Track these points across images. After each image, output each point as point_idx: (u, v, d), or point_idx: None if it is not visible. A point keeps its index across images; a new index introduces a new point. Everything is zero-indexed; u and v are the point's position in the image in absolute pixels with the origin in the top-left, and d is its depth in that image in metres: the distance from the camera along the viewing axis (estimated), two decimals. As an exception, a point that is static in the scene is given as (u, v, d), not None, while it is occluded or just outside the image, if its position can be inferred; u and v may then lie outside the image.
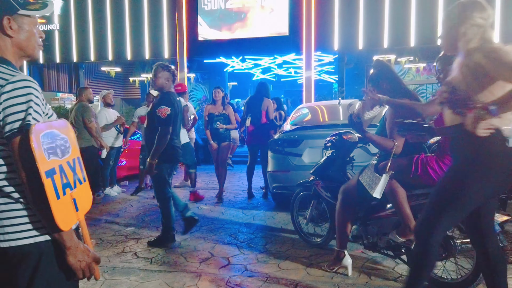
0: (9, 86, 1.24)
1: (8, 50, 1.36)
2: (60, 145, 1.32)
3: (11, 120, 1.23)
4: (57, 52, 11.37)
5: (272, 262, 3.43)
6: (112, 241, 4.08)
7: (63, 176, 1.31)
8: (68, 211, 1.31)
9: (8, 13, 1.33)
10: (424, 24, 9.20)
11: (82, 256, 1.33)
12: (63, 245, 1.30)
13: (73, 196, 1.35)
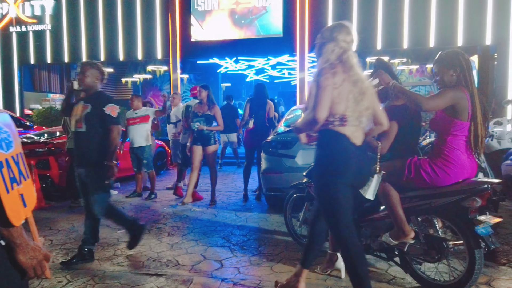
0: None
1: None
2: (4, 139, 1.26)
3: None
4: (49, 52, 11.27)
5: (265, 265, 3.41)
6: (103, 244, 4.02)
7: (10, 171, 1.26)
8: (16, 206, 1.26)
9: None
10: (416, 27, 9.26)
11: (33, 253, 1.28)
12: (13, 242, 1.24)
13: (20, 192, 1.30)
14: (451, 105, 2.48)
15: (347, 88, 2.25)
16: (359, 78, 2.29)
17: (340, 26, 2.38)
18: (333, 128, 2.27)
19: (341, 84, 2.23)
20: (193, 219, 4.97)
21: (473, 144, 2.53)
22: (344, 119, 2.25)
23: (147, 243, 4.02)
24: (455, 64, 2.56)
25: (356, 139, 2.31)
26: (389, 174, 2.67)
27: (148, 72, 12.72)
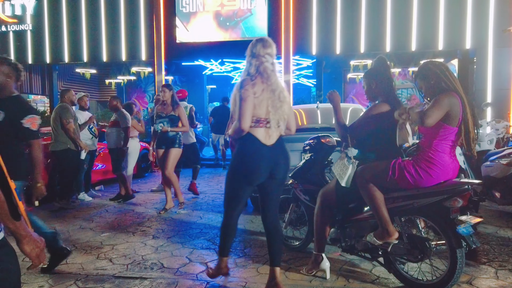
0: None
1: None
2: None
3: None
4: (30, 52, 11.03)
5: (251, 266, 3.40)
6: (86, 248, 3.95)
7: None
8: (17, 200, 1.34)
9: None
10: (399, 30, 9.43)
11: (36, 243, 1.39)
12: (19, 234, 1.33)
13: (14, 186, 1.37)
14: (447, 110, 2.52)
15: (266, 96, 2.58)
16: (277, 87, 2.62)
17: (257, 41, 2.69)
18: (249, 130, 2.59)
19: (261, 93, 2.56)
20: (178, 222, 4.94)
21: (466, 147, 2.59)
22: (260, 122, 2.59)
23: (131, 246, 3.97)
24: (428, 74, 2.66)
25: (268, 140, 2.62)
26: (373, 176, 2.71)
27: (132, 73, 12.59)
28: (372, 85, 2.92)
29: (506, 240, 3.93)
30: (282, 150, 2.71)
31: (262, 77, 2.59)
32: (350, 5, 9.59)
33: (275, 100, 2.59)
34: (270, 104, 2.59)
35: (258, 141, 2.59)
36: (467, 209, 2.62)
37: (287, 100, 2.68)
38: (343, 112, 5.57)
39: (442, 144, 2.57)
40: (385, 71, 2.90)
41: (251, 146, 2.61)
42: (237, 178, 2.71)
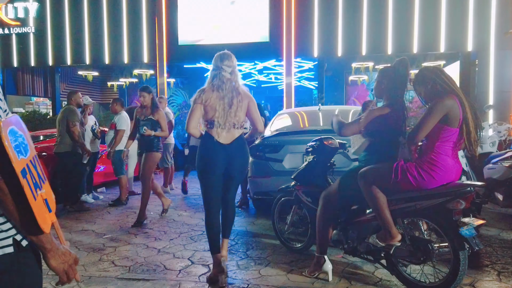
0: None
1: None
2: (21, 143, 1.21)
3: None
4: (32, 55, 11.09)
5: (253, 268, 3.40)
6: (89, 249, 3.96)
7: (32, 177, 1.21)
8: (43, 212, 1.22)
9: None
10: (400, 33, 9.45)
11: (64, 258, 1.26)
12: (44, 248, 1.21)
13: (44, 197, 1.26)
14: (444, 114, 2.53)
15: (214, 102, 2.99)
16: (227, 94, 3.02)
17: (216, 55, 3.13)
18: (206, 130, 3.08)
19: (208, 99, 3.00)
20: (180, 224, 4.94)
21: (468, 147, 2.59)
22: (212, 123, 3.03)
23: (133, 248, 3.98)
24: (424, 80, 2.69)
25: (223, 138, 3.03)
26: (376, 178, 2.71)
27: (134, 75, 12.62)
28: (384, 82, 2.92)
29: (508, 243, 3.93)
30: (238, 147, 3.09)
31: (213, 87, 3.03)
32: (351, 8, 9.62)
33: (225, 105, 3.00)
34: (220, 108, 3.00)
35: (213, 139, 3.03)
36: (469, 211, 2.62)
37: (242, 104, 3.06)
38: (345, 114, 5.64)
39: (444, 146, 2.57)
40: (399, 73, 2.88)
41: (207, 143, 3.07)
42: (200, 171, 3.13)
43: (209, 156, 3.05)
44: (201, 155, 3.10)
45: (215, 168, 3.05)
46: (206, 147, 3.08)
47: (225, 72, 3.05)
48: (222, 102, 3.01)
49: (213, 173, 3.06)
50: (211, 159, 3.05)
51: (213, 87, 3.04)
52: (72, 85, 14.55)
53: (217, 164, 3.04)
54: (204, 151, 3.09)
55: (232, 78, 3.08)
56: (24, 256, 1.22)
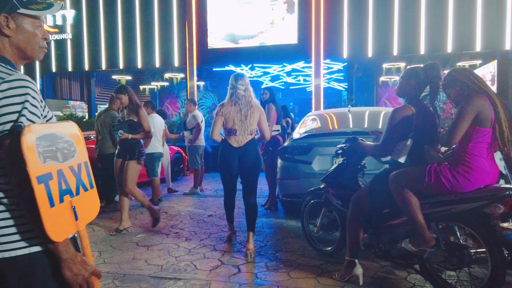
0: (4, 85, 1.16)
1: (6, 50, 1.28)
2: (62, 149, 1.23)
3: (3, 121, 1.14)
4: (69, 60, 11.57)
5: (283, 270, 3.41)
6: (123, 248, 4.09)
7: (62, 182, 1.21)
8: (64, 220, 1.20)
9: (7, 11, 1.26)
10: (434, 31, 9.18)
11: (79, 269, 1.22)
12: (58, 257, 1.20)
13: (73, 204, 1.24)
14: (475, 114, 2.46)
15: (233, 114, 3.72)
16: (243, 108, 3.71)
17: (232, 76, 3.82)
18: (226, 137, 3.83)
19: (228, 112, 3.72)
20: (210, 224, 5.01)
21: (501, 147, 2.50)
22: (231, 131, 3.75)
23: (165, 248, 4.08)
24: (452, 82, 2.64)
25: (238, 143, 3.76)
26: (408, 181, 2.65)
27: (165, 79, 12.92)
28: (411, 82, 2.85)
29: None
30: (249, 149, 3.80)
31: (231, 102, 3.74)
32: (382, 7, 9.44)
33: (242, 117, 3.71)
34: (237, 120, 3.71)
35: (229, 145, 3.79)
36: (508, 216, 2.52)
37: (254, 115, 3.76)
38: (376, 115, 5.53)
39: (478, 147, 2.49)
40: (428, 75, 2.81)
41: (225, 148, 3.84)
42: (220, 169, 3.94)
43: (227, 156, 3.82)
44: (222, 156, 3.88)
45: (231, 168, 3.84)
46: (225, 150, 3.84)
47: (240, 90, 3.74)
48: (240, 115, 3.73)
49: (230, 169, 3.85)
50: (229, 158, 3.82)
51: (231, 102, 3.75)
52: (106, 89, 15.09)
53: (232, 162, 3.81)
54: (224, 152, 3.86)
55: (246, 94, 3.75)
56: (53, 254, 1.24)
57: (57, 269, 1.22)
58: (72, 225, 1.25)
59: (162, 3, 10.77)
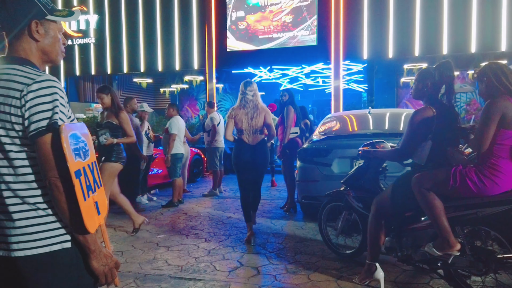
0: (35, 85, 1.22)
1: (33, 54, 1.35)
2: (81, 148, 1.30)
3: (38, 119, 1.20)
4: (93, 64, 11.86)
5: (302, 273, 3.39)
6: (144, 248, 4.15)
7: (86, 179, 1.29)
8: (92, 213, 1.29)
9: (37, 18, 1.33)
10: (457, 31, 8.98)
11: (105, 260, 1.31)
12: (88, 248, 1.28)
13: (95, 199, 1.34)
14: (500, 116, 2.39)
15: (241, 116, 4.20)
16: (250, 110, 4.19)
17: (242, 83, 4.29)
18: (238, 136, 4.29)
19: (238, 114, 4.21)
20: (229, 226, 5.03)
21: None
22: (241, 131, 4.23)
23: (185, 248, 4.12)
24: (482, 77, 2.55)
25: (248, 141, 4.23)
26: (433, 184, 2.59)
27: (185, 82, 13.07)
28: (427, 82, 2.79)
29: None
30: (259, 147, 4.26)
31: (241, 105, 4.24)
32: (403, 7, 9.30)
33: (248, 119, 4.20)
34: (245, 121, 4.20)
35: (243, 142, 4.25)
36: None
37: (260, 116, 4.21)
38: (397, 117, 5.44)
39: (503, 149, 2.41)
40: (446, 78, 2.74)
41: (238, 145, 4.30)
42: (234, 164, 4.35)
43: (240, 154, 4.26)
44: (235, 154, 4.31)
45: (244, 163, 4.25)
46: (238, 147, 4.29)
47: (249, 95, 4.22)
48: (247, 117, 4.21)
49: (243, 165, 4.26)
50: (242, 156, 4.25)
51: (240, 106, 4.25)
52: (128, 92, 15.37)
53: (245, 160, 4.23)
54: (237, 150, 4.30)
55: (253, 98, 4.24)
56: (81, 252, 1.30)
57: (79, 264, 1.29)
58: (97, 219, 1.33)
59: (182, 7, 10.92)
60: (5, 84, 1.24)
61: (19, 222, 1.23)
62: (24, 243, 1.23)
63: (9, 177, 1.23)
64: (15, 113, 1.21)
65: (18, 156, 1.23)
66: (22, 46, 1.34)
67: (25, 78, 1.24)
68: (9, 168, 1.23)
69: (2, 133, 1.22)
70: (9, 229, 1.23)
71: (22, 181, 1.23)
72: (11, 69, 1.27)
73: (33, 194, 1.24)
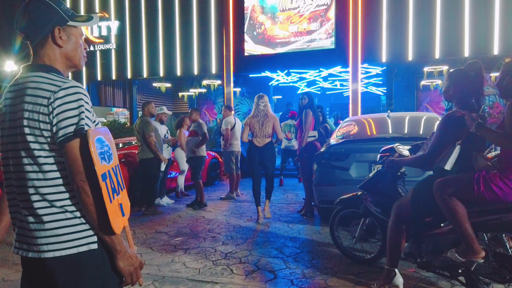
0: (62, 92, 1.26)
1: (57, 60, 1.39)
2: (106, 151, 1.34)
3: (66, 125, 1.24)
4: (113, 69, 12.12)
5: (319, 278, 3.36)
6: (162, 251, 4.20)
7: (111, 182, 1.33)
8: (118, 215, 1.33)
9: (59, 24, 1.37)
10: (479, 33, 8.79)
11: (130, 260, 1.34)
12: (114, 249, 1.31)
13: (119, 201, 1.37)
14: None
15: (254, 123, 5.36)
16: (261, 119, 5.35)
17: (256, 96, 5.53)
18: (250, 139, 5.46)
19: (251, 122, 5.40)
20: (246, 229, 5.04)
21: None
22: (254, 135, 5.36)
23: (202, 251, 4.15)
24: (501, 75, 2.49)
25: (258, 143, 5.35)
26: (456, 190, 2.53)
27: (203, 86, 13.21)
28: (452, 89, 2.73)
29: None
30: (267, 149, 5.39)
31: (254, 114, 5.44)
32: (423, 8, 9.16)
33: (260, 125, 5.36)
34: (257, 127, 5.36)
35: (254, 145, 5.40)
36: None
37: (269, 123, 5.36)
38: (417, 121, 5.36)
39: None
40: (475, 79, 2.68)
41: (251, 146, 5.46)
42: (247, 160, 5.65)
43: (251, 153, 5.45)
44: (248, 152, 5.55)
45: (255, 162, 5.43)
46: (250, 148, 5.50)
47: (261, 106, 5.42)
48: (258, 124, 5.36)
49: (254, 162, 5.44)
50: (252, 154, 5.43)
51: (254, 115, 5.44)
52: (147, 96, 15.64)
53: (255, 159, 5.41)
54: (249, 150, 5.51)
55: (264, 109, 5.39)
56: (107, 253, 1.34)
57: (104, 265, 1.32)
58: (121, 220, 1.36)
59: (200, 12, 11.06)
60: (32, 92, 1.28)
61: (48, 224, 1.27)
62: (53, 244, 1.27)
63: (38, 182, 1.27)
64: (43, 120, 1.25)
65: (47, 161, 1.27)
66: (46, 53, 1.38)
67: (51, 85, 1.28)
68: (38, 173, 1.27)
69: (31, 139, 1.26)
70: (39, 231, 1.27)
71: (50, 185, 1.27)
72: (37, 76, 1.31)
73: (61, 198, 1.28)
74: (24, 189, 1.28)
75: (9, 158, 1.32)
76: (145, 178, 6.16)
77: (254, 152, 5.38)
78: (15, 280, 3.39)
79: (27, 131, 1.26)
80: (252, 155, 5.41)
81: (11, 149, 1.31)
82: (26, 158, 1.27)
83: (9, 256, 4.00)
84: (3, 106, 1.35)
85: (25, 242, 1.30)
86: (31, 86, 1.29)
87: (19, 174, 1.29)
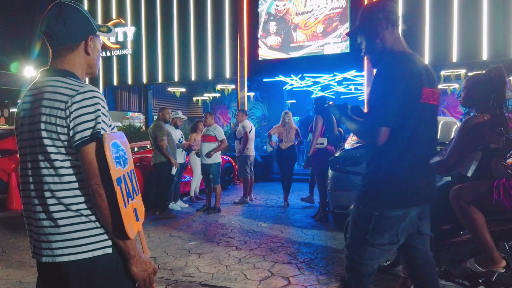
0: (79, 96, 1.27)
1: (79, 66, 1.41)
2: (121, 156, 1.34)
3: (82, 129, 1.24)
4: (129, 74, 12.29)
5: (334, 285, 3.31)
6: (176, 255, 4.21)
7: (126, 186, 1.33)
8: (132, 220, 1.33)
9: (92, 33, 1.42)
10: (497, 36, 8.61)
11: (144, 265, 1.34)
12: (128, 254, 1.31)
13: (134, 206, 1.37)
14: None
15: (282, 130, 6.94)
16: (287, 127, 6.91)
17: (283, 112, 7.16)
18: (279, 143, 7.05)
19: (280, 130, 6.99)
20: (259, 234, 5.02)
21: None
22: (281, 140, 6.95)
23: (216, 256, 4.14)
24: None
25: (284, 146, 6.89)
26: (474, 198, 2.45)
27: (217, 90, 13.27)
28: (474, 94, 2.65)
29: None
30: (289, 151, 6.90)
31: (281, 124, 6.95)
32: (440, 11, 9.03)
33: (286, 133, 6.83)
34: (284, 133, 6.84)
35: (280, 147, 6.92)
36: None
37: (292, 131, 6.86)
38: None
39: None
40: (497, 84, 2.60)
41: (278, 149, 6.97)
42: (276, 159, 7.26)
43: (279, 154, 6.99)
44: (276, 154, 7.12)
45: (282, 160, 6.99)
46: (278, 150, 6.97)
47: (286, 119, 6.92)
48: (286, 132, 6.84)
49: (282, 160, 6.97)
50: (280, 155, 6.97)
51: (282, 124, 6.92)
52: (162, 101, 15.80)
53: (281, 156, 6.95)
54: (277, 152, 7.03)
55: (289, 121, 6.90)
56: (121, 257, 1.34)
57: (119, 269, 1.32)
58: (135, 225, 1.36)
59: (215, 17, 11.15)
60: (50, 96, 1.29)
61: (63, 228, 1.27)
62: (68, 248, 1.27)
63: (54, 185, 1.28)
64: (60, 124, 1.26)
65: (64, 165, 1.28)
66: (71, 58, 1.40)
67: (69, 89, 1.29)
68: (54, 177, 1.28)
69: (48, 143, 1.27)
70: (54, 235, 1.28)
71: (66, 188, 1.28)
72: (55, 81, 1.33)
73: (76, 201, 1.28)
74: (40, 192, 1.29)
75: (27, 162, 1.33)
76: (159, 182, 6.20)
77: (281, 154, 6.95)
78: (31, 282, 3.43)
79: (45, 135, 1.27)
80: (280, 155, 6.99)
81: (29, 152, 1.32)
82: (43, 161, 1.28)
83: (25, 258, 4.06)
84: (21, 110, 1.37)
85: (40, 247, 1.31)
86: (49, 90, 1.31)
87: (36, 177, 1.30)
